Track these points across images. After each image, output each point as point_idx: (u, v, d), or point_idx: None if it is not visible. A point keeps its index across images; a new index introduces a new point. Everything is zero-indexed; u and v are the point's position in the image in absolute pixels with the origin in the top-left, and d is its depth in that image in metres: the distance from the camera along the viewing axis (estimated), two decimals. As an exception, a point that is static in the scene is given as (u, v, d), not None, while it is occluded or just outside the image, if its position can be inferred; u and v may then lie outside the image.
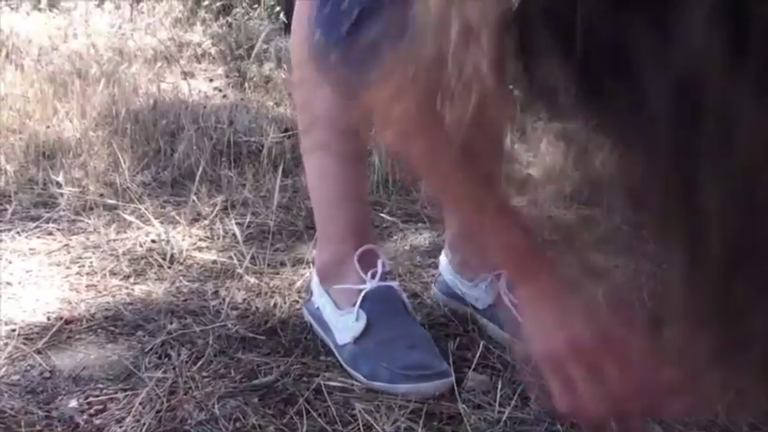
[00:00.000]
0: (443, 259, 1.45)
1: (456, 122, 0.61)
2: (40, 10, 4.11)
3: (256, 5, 3.98)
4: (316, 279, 1.32)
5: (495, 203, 0.79)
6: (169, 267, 1.58)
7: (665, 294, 0.60)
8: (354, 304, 1.24)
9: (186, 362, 1.21)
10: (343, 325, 1.24)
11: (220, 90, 3.14)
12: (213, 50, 3.65)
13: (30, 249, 1.66)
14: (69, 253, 1.64)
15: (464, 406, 1.09)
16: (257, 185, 2.10)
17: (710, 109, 0.46)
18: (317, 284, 1.32)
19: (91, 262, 1.59)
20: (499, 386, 1.13)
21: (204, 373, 1.18)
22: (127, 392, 1.13)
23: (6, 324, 1.32)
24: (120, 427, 1.04)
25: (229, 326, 1.33)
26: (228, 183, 2.09)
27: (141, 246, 1.68)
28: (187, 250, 1.66)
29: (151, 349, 1.26)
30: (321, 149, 1.29)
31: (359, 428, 1.04)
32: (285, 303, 1.43)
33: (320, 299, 1.30)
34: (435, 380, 1.13)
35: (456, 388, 1.13)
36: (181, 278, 1.53)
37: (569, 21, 0.49)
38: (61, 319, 1.34)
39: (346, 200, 1.30)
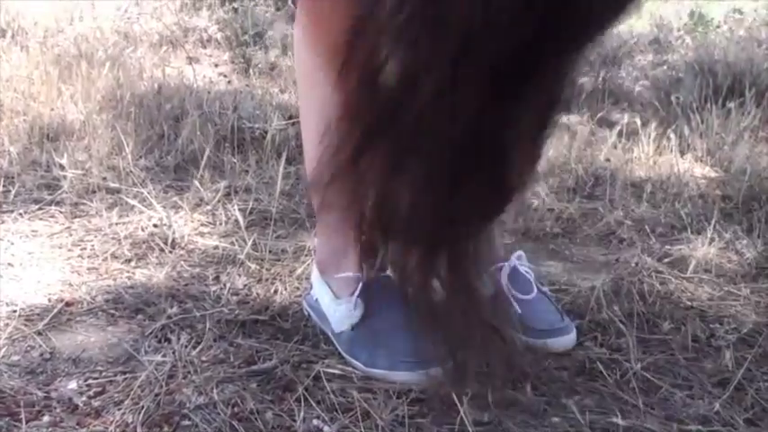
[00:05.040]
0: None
1: None
2: (46, -8, 4.11)
3: (263, -8, 3.98)
4: (315, 271, 1.32)
5: None
6: (170, 252, 1.58)
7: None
8: (353, 293, 1.23)
9: (186, 346, 1.21)
10: (341, 314, 1.24)
11: (225, 76, 3.14)
12: (219, 36, 3.65)
13: (32, 231, 1.66)
14: (71, 235, 1.65)
15: (461, 394, 1.09)
16: (260, 172, 2.10)
17: None
18: (316, 276, 1.32)
19: (92, 245, 1.59)
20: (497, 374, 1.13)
21: (203, 358, 1.18)
22: (126, 375, 1.13)
23: (7, 305, 1.33)
24: (119, 409, 1.04)
25: (229, 311, 1.33)
26: (231, 169, 2.09)
27: (143, 230, 1.68)
28: (189, 235, 1.66)
29: (151, 333, 1.26)
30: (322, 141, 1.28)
31: (357, 416, 1.05)
32: (286, 290, 1.43)
33: (319, 289, 1.30)
34: (434, 367, 1.13)
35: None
36: (182, 263, 1.54)
37: None
38: (62, 300, 1.35)
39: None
